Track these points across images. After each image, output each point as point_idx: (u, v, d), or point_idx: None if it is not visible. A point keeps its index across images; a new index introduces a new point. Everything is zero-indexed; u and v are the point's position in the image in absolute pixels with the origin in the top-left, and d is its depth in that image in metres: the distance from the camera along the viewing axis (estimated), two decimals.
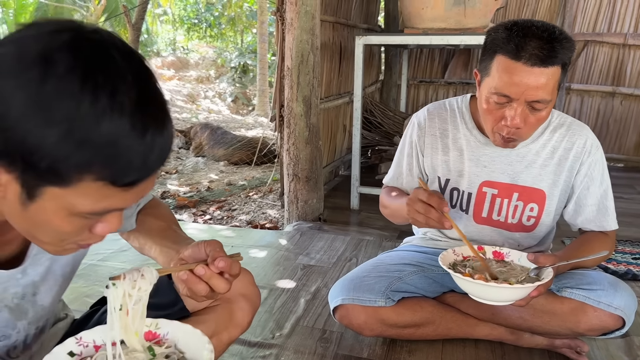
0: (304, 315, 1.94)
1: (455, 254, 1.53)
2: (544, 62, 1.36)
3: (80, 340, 0.89)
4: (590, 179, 1.61)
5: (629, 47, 4.89)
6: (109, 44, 0.66)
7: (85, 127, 0.62)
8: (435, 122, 1.71)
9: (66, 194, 0.67)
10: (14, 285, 0.89)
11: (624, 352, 1.73)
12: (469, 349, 1.70)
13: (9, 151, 0.64)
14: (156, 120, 0.68)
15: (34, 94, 0.61)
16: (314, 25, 2.84)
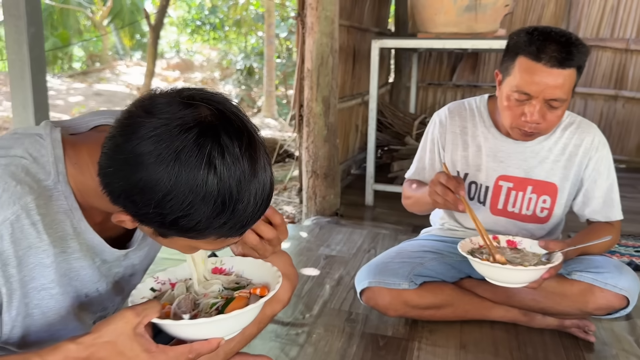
0: (330, 299, 2.08)
1: (473, 242, 1.67)
2: (562, 64, 1.50)
3: (158, 279, 1.04)
4: (598, 173, 1.75)
5: (631, 52, 5.04)
6: (223, 130, 0.77)
7: (211, 206, 0.76)
8: (455, 120, 1.85)
9: (192, 242, 0.84)
10: (117, 265, 1.03)
11: (628, 332, 1.87)
12: (486, 329, 1.84)
13: (149, 221, 0.79)
14: (261, 185, 0.81)
15: (171, 185, 0.74)
16: (333, 29, 2.99)
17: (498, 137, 1.79)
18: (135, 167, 0.75)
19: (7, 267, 0.83)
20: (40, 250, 0.87)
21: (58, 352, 0.81)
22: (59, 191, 0.88)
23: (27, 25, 2.22)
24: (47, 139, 0.89)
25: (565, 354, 1.71)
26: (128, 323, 0.82)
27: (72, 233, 0.91)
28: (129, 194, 0.77)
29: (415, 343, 1.76)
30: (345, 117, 4.06)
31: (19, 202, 0.83)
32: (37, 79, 2.30)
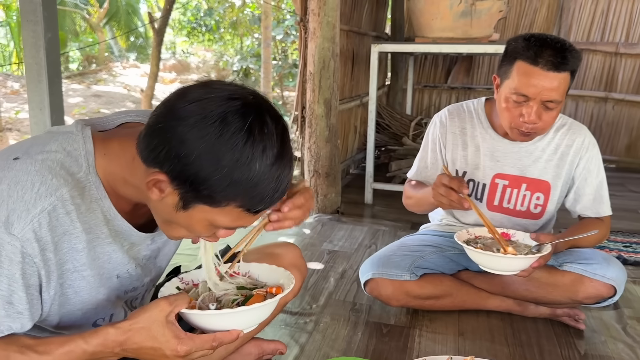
0: (335, 290, 2.20)
1: (469, 233, 1.80)
2: (558, 68, 1.62)
3: (183, 280, 1.17)
4: (588, 172, 1.87)
5: (620, 56, 5.18)
6: (265, 110, 0.91)
7: (241, 171, 0.88)
8: (455, 121, 1.96)
9: (213, 212, 0.93)
10: (144, 248, 1.13)
11: (616, 321, 1.99)
12: (482, 318, 1.96)
13: (183, 177, 0.89)
14: (285, 170, 0.93)
15: (211, 144, 0.86)
16: (334, 34, 3.11)
17: (495, 138, 1.91)
18: (182, 123, 0.87)
19: (45, 251, 0.93)
20: (73, 236, 0.96)
21: (99, 335, 0.92)
22: (90, 182, 0.98)
23: (44, 30, 2.31)
24: (79, 134, 0.99)
25: (557, 340, 1.83)
26: (162, 311, 0.93)
27: (103, 220, 1.01)
28: (171, 149, 0.87)
29: (416, 330, 1.87)
30: (345, 118, 4.18)
31: (55, 193, 0.93)
32: (53, 82, 2.40)
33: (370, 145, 3.54)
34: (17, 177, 0.91)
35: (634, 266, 2.57)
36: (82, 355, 0.92)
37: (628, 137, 5.25)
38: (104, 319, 1.12)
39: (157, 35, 5.11)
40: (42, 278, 0.95)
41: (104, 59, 15.48)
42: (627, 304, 2.13)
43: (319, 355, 1.68)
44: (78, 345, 0.91)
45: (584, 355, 1.74)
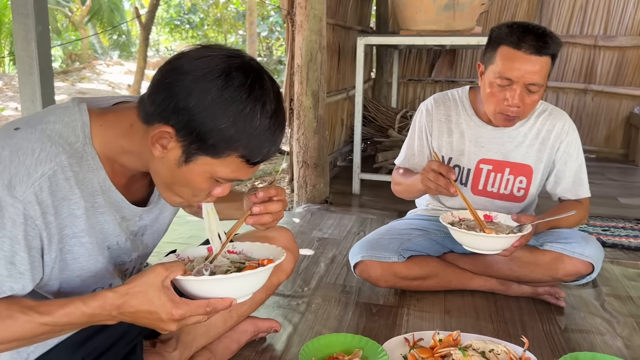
0: (325, 274, 2.26)
1: (454, 216, 1.88)
2: (539, 52, 1.69)
3: (179, 256, 1.21)
4: (568, 155, 1.95)
5: (599, 48, 5.31)
6: (263, 70, 1.00)
7: (245, 122, 0.95)
8: (441, 109, 2.03)
9: (214, 164, 0.99)
10: (133, 224, 1.18)
11: (594, 298, 2.09)
12: (467, 297, 2.04)
13: (190, 128, 0.95)
14: (281, 126, 1.02)
15: (216, 96, 0.93)
16: (321, 27, 3.17)
17: (479, 124, 1.98)
18: (188, 77, 0.94)
19: (47, 214, 0.97)
20: (72, 202, 1.01)
21: (98, 298, 0.95)
22: (87, 152, 1.03)
23: (35, 23, 2.35)
24: (75, 108, 1.05)
25: (539, 316, 1.91)
26: (158, 276, 0.97)
27: (99, 190, 1.06)
28: (178, 102, 0.94)
29: (404, 309, 1.94)
30: (332, 111, 4.24)
31: (55, 159, 0.97)
32: (45, 75, 2.43)
33: (357, 138, 3.61)
34: (19, 144, 0.96)
35: (611, 248, 2.67)
36: (81, 317, 0.95)
37: (607, 128, 5.39)
38: (102, 288, 1.15)
39: (144, 30, 5.11)
40: (44, 240, 0.99)
41: (87, 57, 15.35)
42: (605, 282, 2.22)
43: (311, 333, 1.75)
44: (77, 307, 0.94)
45: (564, 329, 1.83)
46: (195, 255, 1.21)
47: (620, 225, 3.05)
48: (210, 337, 1.47)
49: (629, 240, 2.77)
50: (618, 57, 5.28)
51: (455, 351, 1.47)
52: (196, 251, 1.22)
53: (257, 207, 1.18)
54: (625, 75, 5.28)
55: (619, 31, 5.24)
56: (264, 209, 1.19)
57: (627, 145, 5.31)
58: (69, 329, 0.99)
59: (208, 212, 1.16)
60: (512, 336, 1.73)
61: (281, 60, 12.77)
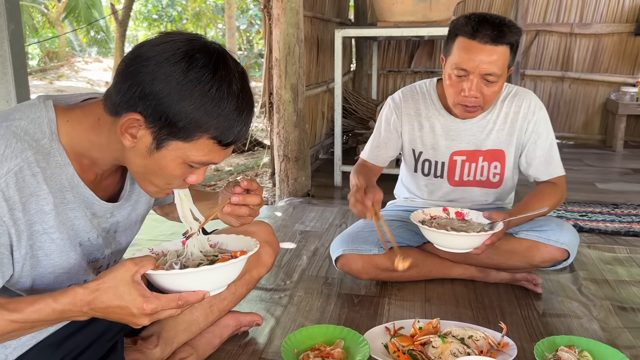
0: (308, 267, 2.28)
1: (424, 213, 1.87)
2: (494, 41, 1.69)
3: (152, 250, 1.20)
4: (537, 135, 1.94)
5: (575, 36, 5.38)
6: (224, 51, 1.01)
7: (212, 102, 0.96)
8: (409, 103, 2.02)
9: (186, 148, 1.00)
10: (105, 221, 1.18)
11: (571, 282, 2.13)
12: (447, 285, 2.07)
13: (158, 113, 0.95)
14: (250, 105, 1.03)
15: (181, 78, 0.94)
16: (298, 20, 3.16)
17: (448, 118, 1.98)
18: (152, 62, 0.95)
19: (14, 211, 0.96)
20: (40, 198, 1.00)
21: (68, 294, 0.94)
22: (54, 148, 1.03)
23: (7, 22, 2.31)
24: (41, 104, 1.04)
25: (517, 302, 1.94)
26: (127, 271, 0.96)
27: (68, 186, 1.05)
28: (144, 88, 0.95)
29: (385, 299, 1.96)
30: (312, 104, 4.24)
31: (21, 155, 0.97)
32: (19, 74, 2.40)
33: (337, 130, 3.62)
34: None
35: (589, 233, 2.72)
36: (51, 314, 0.94)
37: (585, 114, 5.47)
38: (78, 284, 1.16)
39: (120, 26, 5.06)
40: (12, 237, 0.98)
41: (64, 55, 15.13)
42: (582, 266, 2.27)
43: (294, 326, 1.76)
44: (47, 303, 0.93)
45: (542, 314, 1.86)
46: (170, 249, 1.20)
47: (597, 211, 3.10)
48: (191, 333, 1.48)
49: (605, 225, 2.82)
50: (594, 44, 5.35)
51: (435, 338, 1.50)
52: (170, 245, 1.21)
53: (236, 197, 1.19)
54: (601, 62, 5.36)
55: (594, 19, 5.31)
56: (242, 200, 1.19)
57: (605, 131, 5.40)
58: (40, 326, 0.98)
59: (181, 198, 1.15)
60: (491, 322, 1.76)
61: (262, 54, 12.69)
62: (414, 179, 2.11)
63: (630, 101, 4.92)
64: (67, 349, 1.11)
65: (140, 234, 2.71)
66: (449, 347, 1.47)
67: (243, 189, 1.20)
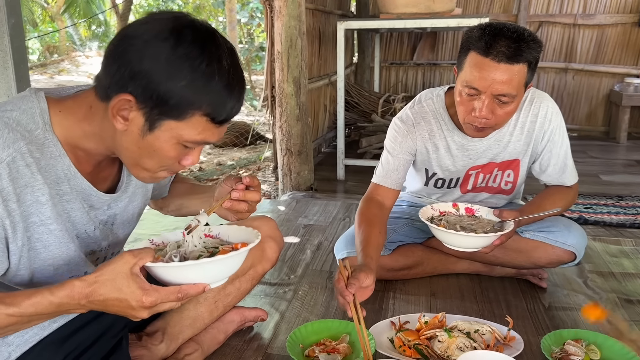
0: (312, 261, 2.27)
1: (433, 209, 1.81)
2: (510, 60, 1.51)
3: (153, 241, 1.18)
4: (553, 143, 1.83)
5: (578, 27, 5.34)
6: (213, 28, 0.99)
7: (203, 78, 0.94)
8: (422, 125, 1.85)
9: (179, 127, 0.98)
10: (102, 213, 1.17)
11: (577, 275, 2.11)
12: (452, 280, 2.05)
13: (148, 92, 0.93)
14: (240, 80, 1.01)
15: (170, 54, 0.92)
16: (300, 12, 3.14)
17: (462, 137, 1.83)
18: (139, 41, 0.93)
19: (8, 202, 0.95)
20: (35, 189, 0.99)
21: (66, 287, 0.92)
22: (48, 139, 1.01)
23: (7, 16, 2.29)
24: (32, 96, 1.03)
25: (523, 295, 1.93)
26: (126, 263, 0.94)
27: (63, 177, 1.04)
28: (133, 68, 0.93)
29: (390, 293, 1.95)
30: (314, 97, 4.22)
31: (13, 146, 0.95)
32: (19, 69, 2.38)
33: (340, 123, 3.61)
34: None
35: (594, 225, 2.71)
36: (48, 307, 0.92)
37: (588, 106, 5.44)
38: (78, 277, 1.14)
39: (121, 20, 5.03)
40: (7, 229, 0.97)
41: (65, 49, 15.09)
42: (588, 259, 2.25)
43: (298, 320, 1.75)
44: (44, 297, 0.91)
45: (548, 307, 1.85)
46: (170, 239, 1.18)
47: (602, 203, 3.09)
48: (196, 329, 1.47)
49: (610, 217, 2.81)
50: (597, 35, 5.31)
51: (441, 333, 1.49)
52: (171, 236, 1.19)
53: (237, 193, 1.18)
54: (605, 53, 5.33)
55: (597, 9, 5.27)
56: (242, 196, 1.19)
57: (608, 122, 5.37)
58: (38, 320, 0.96)
59: None
60: (497, 316, 1.75)
61: (263, 47, 12.65)
62: (423, 187, 2.04)
63: (634, 92, 4.89)
64: (72, 346, 1.10)
65: (143, 228, 2.72)
66: (455, 341, 1.46)
67: (245, 185, 1.20)
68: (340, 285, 1.43)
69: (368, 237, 1.69)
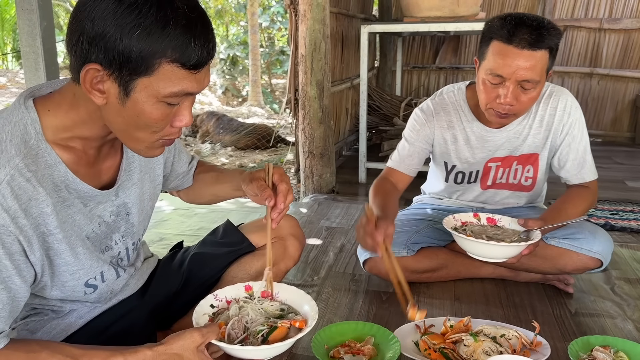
0: (335, 263, 2.27)
1: (455, 219, 1.82)
2: (532, 46, 1.57)
3: (217, 297, 1.28)
4: (572, 137, 1.86)
5: (604, 31, 5.27)
6: None
7: (155, 21, 0.90)
8: (441, 115, 1.92)
9: (152, 82, 0.95)
10: (110, 205, 1.18)
11: (604, 282, 2.09)
12: (477, 284, 2.04)
13: (109, 54, 0.92)
14: (200, 18, 0.96)
15: (116, 8, 0.90)
16: (324, 16, 3.15)
17: (482, 128, 1.88)
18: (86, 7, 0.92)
19: (18, 219, 0.96)
20: (39, 201, 0.99)
21: (137, 355, 1.03)
22: (42, 149, 1.01)
23: (39, 19, 2.35)
24: (22, 106, 1.02)
25: (549, 301, 1.91)
26: (194, 342, 1.06)
27: (61, 184, 1.05)
28: (88, 34, 0.91)
29: (415, 297, 1.93)
30: (336, 101, 4.23)
31: (9, 164, 0.96)
32: (50, 70, 2.44)
33: (362, 126, 3.61)
34: None
35: (620, 232, 2.67)
36: None
37: (613, 111, 5.36)
38: (95, 278, 1.17)
39: None
40: (23, 243, 0.98)
41: None
42: (615, 266, 2.22)
43: (323, 322, 1.76)
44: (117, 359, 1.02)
45: (574, 313, 1.83)
46: (233, 295, 1.29)
47: (628, 209, 3.04)
48: None
49: (637, 224, 2.76)
50: (624, 39, 5.23)
51: (467, 337, 1.48)
52: (233, 291, 1.30)
53: (276, 213, 1.25)
54: (631, 58, 5.25)
55: (624, 13, 5.20)
56: (281, 210, 1.25)
57: (634, 128, 5.28)
58: None
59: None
60: (523, 321, 1.74)
61: (283, 51, 12.73)
62: (443, 184, 2.06)
63: None
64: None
65: (168, 228, 2.75)
66: (481, 345, 1.45)
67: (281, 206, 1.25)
68: (369, 227, 1.51)
69: (385, 201, 1.77)
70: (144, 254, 1.45)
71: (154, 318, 1.41)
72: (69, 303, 1.20)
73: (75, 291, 1.15)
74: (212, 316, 1.24)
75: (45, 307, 1.20)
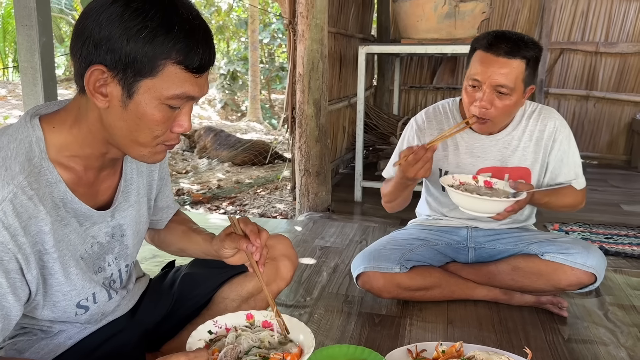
0: (328, 284, 2.26)
1: (454, 179, 1.90)
2: (508, 54, 1.72)
3: (216, 323, 1.23)
4: (563, 153, 1.95)
5: (600, 55, 5.32)
6: None
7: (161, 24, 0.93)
8: (432, 123, 2.03)
9: (155, 84, 0.97)
10: (105, 225, 1.18)
11: (598, 307, 2.08)
12: (470, 307, 2.04)
13: (115, 56, 0.94)
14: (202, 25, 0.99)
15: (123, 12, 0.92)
16: (322, 36, 3.18)
17: (472, 135, 1.98)
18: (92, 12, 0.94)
19: (17, 237, 0.96)
20: (39, 219, 1.00)
21: None
22: (44, 167, 1.02)
23: (38, 35, 2.36)
24: (27, 124, 1.03)
25: (542, 326, 1.91)
26: None
27: (59, 203, 1.05)
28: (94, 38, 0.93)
29: (407, 320, 1.94)
30: (333, 119, 4.25)
31: (13, 182, 0.96)
32: (48, 86, 2.44)
33: (359, 145, 3.62)
34: None
35: (614, 256, 2.67)
36: None
37: (609, 134, 5.39)
38: (87, 299, 1.16)
39: None
40: (21, 261, 0.98)
41: None
42: (608, 291, 2.22)
43: (314, 344, 1.74)
44: None
45: (567, 340, 1.82)
46: (234, 323, 1.24)
47: (623, 233, 3.04)
48: None
49: (632, 249, 2.76)
50: (620, 63, 5.28)
51: None
52: (233, 319, 1.25)
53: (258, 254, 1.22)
54: (627, 82, 5.29)
55: (620, 38, 5.25)
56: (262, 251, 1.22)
57: (630, 151, 5.31)
58: None
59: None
60: (515, 346, 1.73)
61: (283, 67, 12.80)
62: (438, 196, 2.10)
63: None
64: None
65: None
66: None
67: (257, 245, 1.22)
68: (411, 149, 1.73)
69: None
70: (136, 273, 1.44)
71: (143, 339, 1.40)
72: (58, 324, 1.19)
73: (67, 312, 1.14)
74: (209, 342, 1.22)
75: (34, 327, 1.19)
